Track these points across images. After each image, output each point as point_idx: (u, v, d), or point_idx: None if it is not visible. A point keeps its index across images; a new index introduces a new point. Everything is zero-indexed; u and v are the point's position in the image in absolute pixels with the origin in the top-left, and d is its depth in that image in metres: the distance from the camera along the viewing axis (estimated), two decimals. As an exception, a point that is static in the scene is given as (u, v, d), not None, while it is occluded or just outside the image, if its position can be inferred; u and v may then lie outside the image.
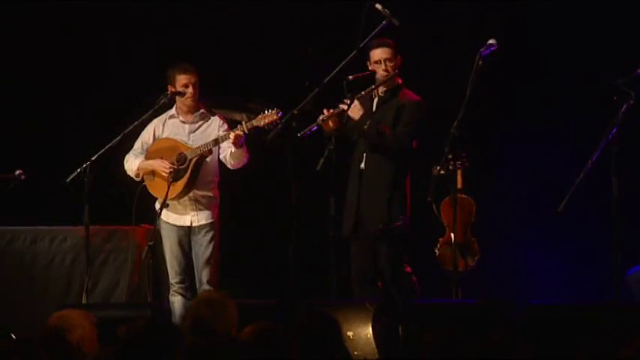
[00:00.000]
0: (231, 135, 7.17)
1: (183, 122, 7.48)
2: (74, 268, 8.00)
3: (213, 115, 7.50)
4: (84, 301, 7.35)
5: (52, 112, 8.94)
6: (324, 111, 7.01)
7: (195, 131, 7.46)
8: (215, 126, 7.46)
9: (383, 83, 7.14)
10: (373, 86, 7.12)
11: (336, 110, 7.03)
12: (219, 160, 7.41)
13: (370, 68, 7.13)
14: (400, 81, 7.21)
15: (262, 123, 7.14)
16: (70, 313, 5.05)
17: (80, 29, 8.96)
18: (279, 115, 7.09)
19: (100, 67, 8.95)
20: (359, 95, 7.06)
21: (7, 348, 3.93)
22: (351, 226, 7.16)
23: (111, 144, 7.28)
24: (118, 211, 7.84)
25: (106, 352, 4.47)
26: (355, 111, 7.07)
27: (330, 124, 7.02)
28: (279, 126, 6.99)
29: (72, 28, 8.96)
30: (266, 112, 7.15)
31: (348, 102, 6.97)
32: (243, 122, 7.21)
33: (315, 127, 6.98)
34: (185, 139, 7.42)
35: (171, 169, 7.24)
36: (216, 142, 7.27)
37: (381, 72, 7.14)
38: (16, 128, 8.94)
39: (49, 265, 8.03)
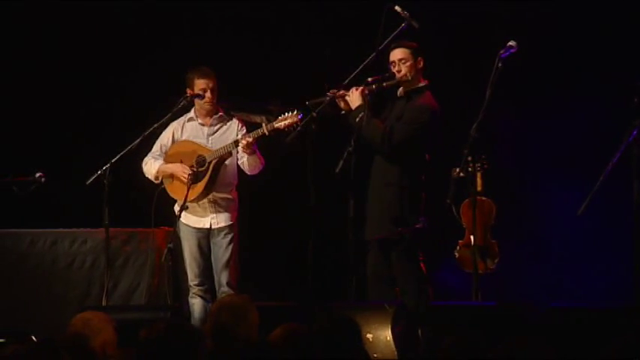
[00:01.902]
0: (242, 142, 7.14)
1: (202, 125, 7.49)
2: (94, 271, 8.02)
3: (232, 118, 7.51)
4: (104, 303, 7.37)
5: (71, 114, 8.98)
6: (335, 90, 7.04)
7: (213, 134, 7.47)
8: (234, 129, 7.46)
9: (394, 83, 7.11)
10: (384, 83, 7.08)
11: (342, 93, 7.04)
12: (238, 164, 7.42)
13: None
14: (425, 82, 7.14)
15: (283, 125, 7.13)
16: (93, 316, 5.07)
17: (101, 32, 8.99)
18: (299, 117, 7.09)
19: (119, 69, 8.97)
20: (370, 88, 7.04)
21: (28, 350, 3.95)
22: (365, 229, 7.14)
23: (130, 146, 7.30)
24: (138, 213, 7.86)
25: (125, 355, 4.48)
26: (353, 99, 7.04)
27: (342, 103, 7.06)
28: (299, 128, 6.99)
29: (93, 31, 8.99)
30: (286, 114, 7.16)
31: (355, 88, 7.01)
32: (264, 124, 7.21)
33: (327, 99, 7.00)
34: (204, 141, 7.43)
35: (191, 174, 7.24)
36: (236, 143, 7.27)
37: (396, 73, 7.13)
38: (36, 131, 8.97)
39: (69, 267, 8.06)
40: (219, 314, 4.94)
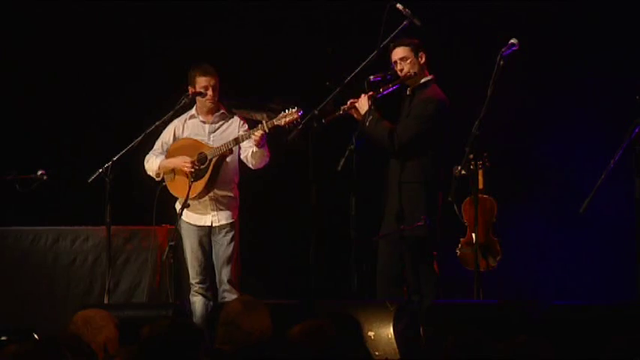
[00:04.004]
0: (254, 134, 7.18)
1: (204, 122, 7.50)
2: (96, 268, 8.03)
3: (233, 116, 7.52)
4: (105, 301, 7.37)
5: (74, 112, 8.98)
6: (349, 101, 7.11)
7: (215, 131, 7.48)
8: (235, 126, 7.47)
9: (400, 82, 7.14)
10: (390, 85, 7.11)
11: (352, 104, 7.08)
12: (240, 160, 7.42)
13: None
14: (431, 77, 7.17)
15: (283, 122, 7.14)
16: (94, 314, 5.08)
17: (103, 31, 8.99)
18: (299, 113, 7.10)
19: (121, 67, 8.97)
20: (377, 91, 7.07)
21: (30, 348, 3.95)
22: (381, 226, 7.16)
23: (132, 144, 7.30)
24: (140, 211, 7.86)
25: (126, 353, 4.49)
26: (361, 105, 7.07)
27: (355, 114, 7.13)
28: (300, 126, 7.00)
29: (94, 29, 8.98)
30: (287, 110, 7.17)
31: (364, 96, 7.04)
32: (264, 121, 7.22)
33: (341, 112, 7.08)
34: (205, 139, 7.43)
35: (193, 166, 7.26)
36: (237, 141, 7.28)
37: (399, 72, 7.14)
38: (38, 128, 8.97)
39: (70, 265, 8.07)
40: (230, 305, 4.99)
